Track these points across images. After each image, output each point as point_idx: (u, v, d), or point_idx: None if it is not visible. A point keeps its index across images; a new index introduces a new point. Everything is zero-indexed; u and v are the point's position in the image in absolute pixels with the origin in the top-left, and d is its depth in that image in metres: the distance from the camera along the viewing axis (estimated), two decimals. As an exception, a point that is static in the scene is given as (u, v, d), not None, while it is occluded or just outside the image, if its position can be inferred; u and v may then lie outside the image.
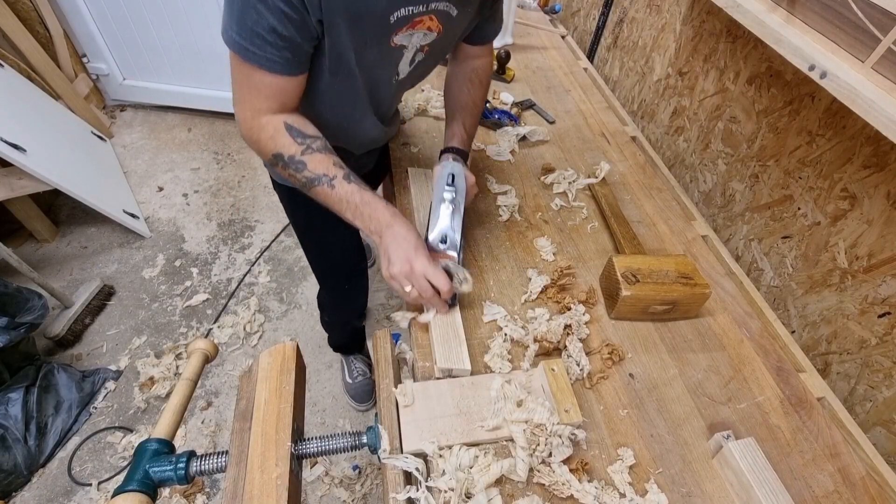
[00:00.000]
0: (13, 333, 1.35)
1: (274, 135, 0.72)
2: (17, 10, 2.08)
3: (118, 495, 0.55)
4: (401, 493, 0.61)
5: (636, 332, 0.86)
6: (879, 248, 0.84)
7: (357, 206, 0.73)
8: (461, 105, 0.94)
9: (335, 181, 0.72)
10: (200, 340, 0.75)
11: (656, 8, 1.42)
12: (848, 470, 0.73)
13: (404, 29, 0.72)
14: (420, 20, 0.72)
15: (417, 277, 0.71)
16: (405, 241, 0.72)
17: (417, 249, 0.72)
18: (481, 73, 0.96)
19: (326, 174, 0.72)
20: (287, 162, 0.73)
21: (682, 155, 1.36)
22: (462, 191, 0.83)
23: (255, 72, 0.68)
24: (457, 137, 0.92)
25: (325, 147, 0.75)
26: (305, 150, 0.73)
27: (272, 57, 0.66)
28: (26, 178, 1.71)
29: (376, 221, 0.73)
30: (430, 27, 0.75)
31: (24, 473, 1.38)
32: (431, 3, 0.70)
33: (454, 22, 0.77)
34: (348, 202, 0.73)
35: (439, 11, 0.73)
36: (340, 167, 0.74)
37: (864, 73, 0.76)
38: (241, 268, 2.02)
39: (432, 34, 0.77)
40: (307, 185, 0.74)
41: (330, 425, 1.60)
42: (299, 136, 0.73)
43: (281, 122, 0.72)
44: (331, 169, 0.73)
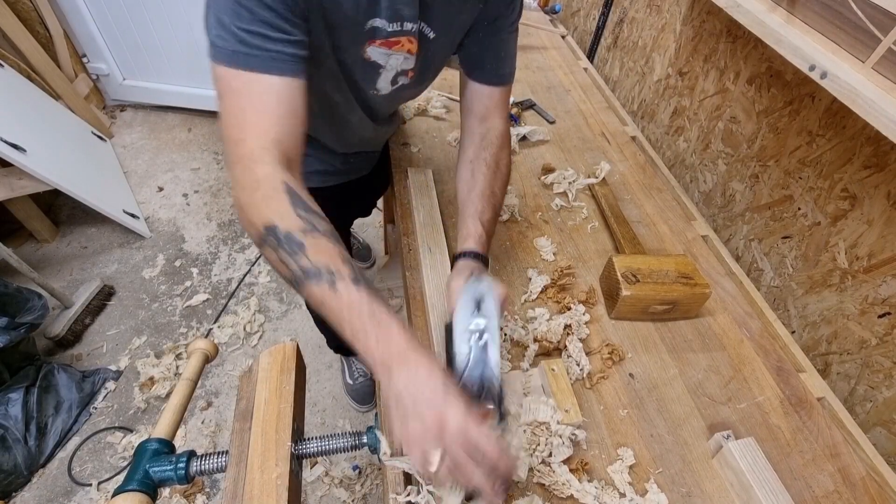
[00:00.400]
0: (13, 333, 1.35)
1: (271, 195, 0.54)
2: (17, 10, 2.08)
3: (118, 495, 0.55)
4: (401, 495, 0.61)
5: (636, 332, 0.86)
6: (880, 248, 0.84)
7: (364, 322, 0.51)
8: (477, 194, 0.76)
9: (339, 282, 0.52)
10: (200, 340, 0.75)
11: (656, 8, 1.42)
12: (848, 470, 0.73)
13: (379, 43, 0.67)
14: (398, 41, 0.67)
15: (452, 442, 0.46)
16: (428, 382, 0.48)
17: (448, 396, 0.47)
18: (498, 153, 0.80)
19: (329, 269, 0.52)
20: (281, 239, 0.53)
21: (682, 155, 1.36)
22: (494, 317, 0.61)
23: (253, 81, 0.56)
24: (472, 238, 0.73)
25: (332, 233, 0.56)
26: (309, 229, 0.54)
27: (273, 53, 0.56)
28: (26, 178, 1.71)
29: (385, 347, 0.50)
30: (409, 50, 0.70)
31: (24, 473, 1.38)
32: (407, 23, 0.66)
33: (433, 46, 0.72)
34: (350, 312, 0.51)
35: (415, 33, 0.69)
36: (349, 264, 0.54)
37: (865, 74, 0.76)
38: (241, 268, 2.02)
39: (412, 58, 0.72)
40: (300, 278, 0.53)
41: (330, 425, 1.60)
42: (302, 208, 0.55)
43: (281, 182, 0.55)
44: (336, 263, 0.53)
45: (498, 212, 0.80)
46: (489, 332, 0.60)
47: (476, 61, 0.80)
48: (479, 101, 0.81)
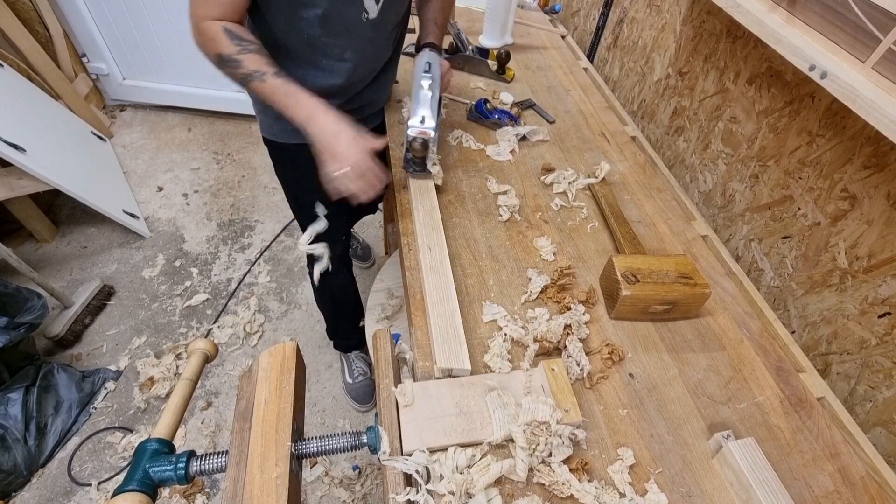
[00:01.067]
0: (13, 333, 1.35)
1: (214, 37, 0.81)
2: (16, 9, 2.09)
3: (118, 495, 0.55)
4: (400, 495, 0.61)
5: (636, 332, 0.86)
6: (879, 248, 0.84)
7: (282, 98, 0.82)
8: (433, 8, 1.06)
9: (266, 76, 0.81)
10: (200, 340, 0.75)
11: (656, 8, 1.42)
12: (848, 470, 0.73)
13: None
14: None
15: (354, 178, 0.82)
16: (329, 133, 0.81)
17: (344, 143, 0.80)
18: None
19: (258, 70, 0.81)
20: (226, 60, 0.81)
21: (682, 155, 1.36)
22: (438, 77, 0.95)
23: None
24: (431, 34, 1.03)
25: (260, 49, 0.83)
26: (241, 50, 0.81)
27: None
28: (26, 178, 1.71)
29: (299, 111, 0.82)
30: None
31: (23, 473, 1.38)
32: None
33: None
34: (275, 94, 0.82)
35: None
36: (272, 66, 0.82)
37: (865, 74, 0.76)
38: (241, 268, 2.02)
39: None
40: (244, 80, 0.82)
41: (330, 425, 1.60)
42: (236, 39, 0.81)
43: (220, 27, 0.80)
44: (263, 66, 0.81)
45: (447, 20, 1.11)
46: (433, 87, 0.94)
47: None
48: None
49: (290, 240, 2.16)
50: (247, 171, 2.44)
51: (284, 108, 0.83)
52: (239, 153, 2.53)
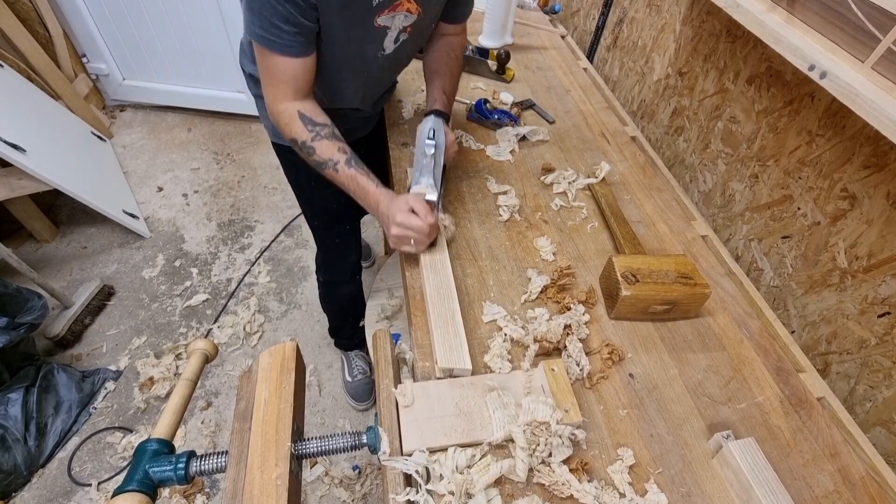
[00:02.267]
0: (13, 333, 1.35)
1: (290, 122, 0.86)
2: (16, 10, 2.09)
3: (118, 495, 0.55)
4: (400, 495, 0.61)
5: (636, 332, 0.86)
6: (879, 248, 0.84)
7: (354, 190, 0.88)
8: (440, 73, 1.05)
9: (338, 165, 0.87)
10: (200, 340, 0.75)
11: (656, 8, 1.42)
12: (848, 470, 0.73)
13: (386, 11, 0.84)
14: (399, 3, 0.84)
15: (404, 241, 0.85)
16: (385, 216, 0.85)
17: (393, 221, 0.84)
18: (457, 49, 1.08)
19: (331, 159, 0.87)
20: (301, 146, 0.88)
21: (682, 155, 1.36)
22: (442, 145, 0.93)
23: (275, 58, 0.81)
24: (438, 101, 1.01)
25: (332, 134, 0.88)
26: (315, 136, 0.87)
27: (287, 42, 0.79)
28: (26, 178, 1.71)
29: (367, 202, 0.88)
30: (409, 9, 0.87)
31: (23, 474, 1.38)
32: None
33: (431, 3, 0.90)
34: (348, 185, 0.88)
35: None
36: (344, 152, 0.87)
37: (864, 73, 0.76)
38: (240, 268, 2.02)
39: (412, 16, 0.88)
40: (317, 166, 0.89)
41: (330, 425, 1.60)
42: (310, 124, 0.87)
43: (295, 111, 0.86)
44: (335, 154, 0.87)
45: (456, 86, 1.08)
46: (436, 155, 0.92)
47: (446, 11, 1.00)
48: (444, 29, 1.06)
49: (290, 240, 2.16)
50: (247, 171, 2.44)
51: (356, 198, 0.89)
52: (239, 153, 2.53)
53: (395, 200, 0.84)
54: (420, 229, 0.82)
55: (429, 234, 0.85)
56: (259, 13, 0.76)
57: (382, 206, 0.85)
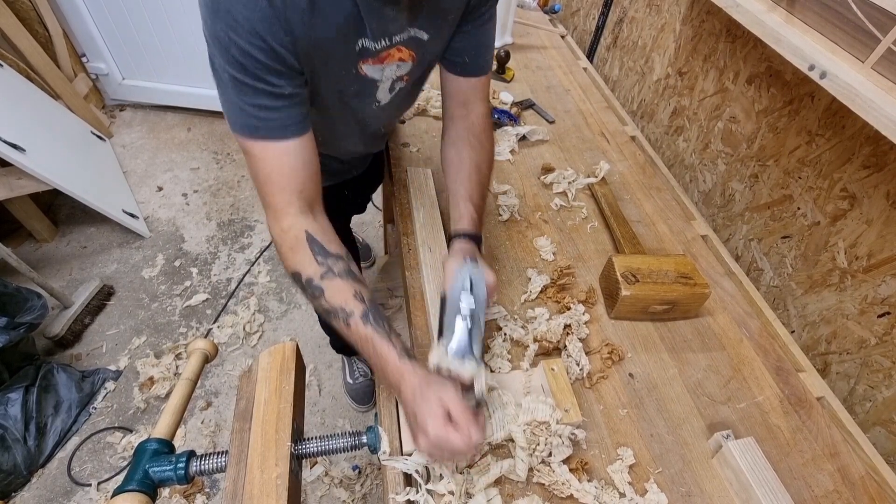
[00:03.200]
0: (13, 333, 1.35)
1: (294, 246, 0.65)
2: (16, 9, 2.08)
3: (118, 495, 0.55)
4: (400, 495, 0.61)
5: (636, 332, 0.86)
6: (879, 248, 0.84)
7: (369, 357, 0.65)
8: (465, 175, 0.81)
9: (351, 319, 0.64)
10: (200, 340, 0.75)
11: (656, 8, 1.42)
12: (847, 469, 0.73)
13: (370, 61, 0.69)
14: (388, 54, 0.69)
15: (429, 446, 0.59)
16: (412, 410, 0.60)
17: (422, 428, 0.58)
18: (480, 133, 0.83)
19: (344, 309, 0.64)
20: (305, 284, 0.65)
21: (682, 155, 1.36)
22: (483, 301, 0.70)
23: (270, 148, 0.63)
24: (465, 219, 0.78)
25: (346, 271, 0.66)
26: (325, 273, 0.65)
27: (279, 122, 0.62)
28: (26, 177, 1.71)
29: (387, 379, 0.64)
30: (401, 58, 0.71)
31: (23, 474, 1.38)
32: (394, 36, 0.67)
33: (428, 47, 0.73)
34: (362, 344, 0.64)
35: (407, 41, 0.69)
36: (360, 301, 0.65)
37: (864, 73, 0.76)
38: (240, 268, 2.02)
39: (406, 64, 0.73)
40: (323, 313, 0.67)
41: (330, 425, 1.60)
42: (321, 254, 0.65)
43: (303, 232, 0.65)
44: (349, 303, 0.64)
45: (486, 189, 0.83)
46: (475, 315, 0.68)
47: (456, 56, 0.80)
48: (460, 90, 0.82)
49: (290, 240, 2.15)
50: (246, 171, 2.43)
51: (368, 359, 0.66)
52: (238, 153, 2.53)
53: (426, 395, 0.59)
54: (459, 451, 0.57)
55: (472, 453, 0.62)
56: (236, 101, 0.60)
57: (407, 392, 0.60)
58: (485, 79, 0.83)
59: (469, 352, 0.66)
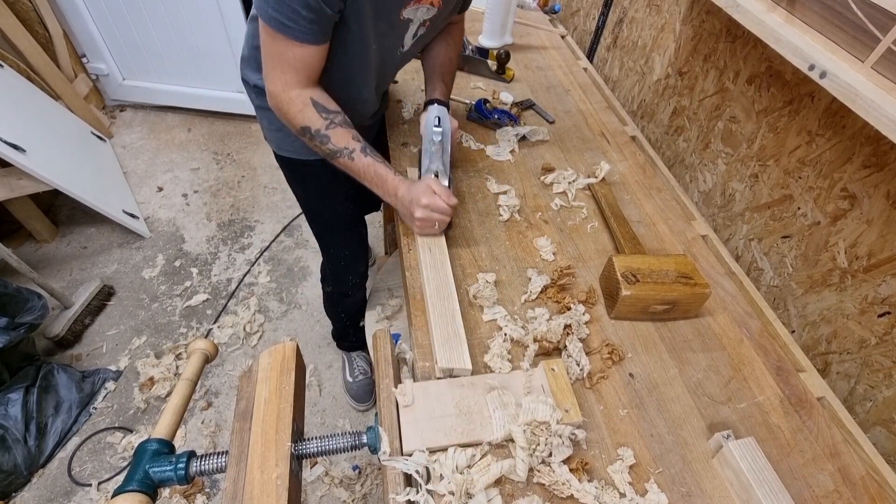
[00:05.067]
0: (13, 334, 1.35)
1: (303, 109, 0.83)
2: (16, 10, 2.08)
3: (118, 495, 0.55)
4: (401, 495, 0.61)
5: (636, 332, 0.86)
6: (879, 247, 0.84)
7: (372, 179, 0.87)
8: (440, 63, 1.05)
9: (354, 154, 0.85)
10: (200, 340, 0.75)
11: (656, 8, 1.42)
12: (848, 469, 0.73)
13: (413, 3, 0.83)
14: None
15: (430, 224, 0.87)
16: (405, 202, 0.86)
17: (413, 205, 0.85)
18: (456, 36, 1.09)
19: (347, 147, 0.85)
20: (314, 135, 0.84)
21: (682, 155, 1.36)
22: (448, 131, 0.94)
23: (289, 44, 0.76)
24: (437, 91, 1.02)
25: (345, 122, 0.87)
26: (329, 124, 0.84)
27: (304, 28, 0.74)
28: (26, 178, 1.71)
29: (385, 191, 0.87)
30: (432, 2, 0.86)
31: (23, 474, 1.38)
32: None
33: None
34: (364, 174, 0.86)
35: None
36: (358, 140, 0.86)
37: (864, 73, 0.76)
38: (240, 268, 2.02)
39: (434, 9, 0.88)
40: (330, 155, 0.86)
41: (330, 425, 1.60)
42: (324, 112, 0.84)
43: (308, 97, 0.83)
44: (350, 142, 0.85)
45: (454, 74, 1.10)
46: (443, 141, 0.93)
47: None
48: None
49: (290, 240, 2.16)
50: (247, 171, 2.44)
51: (371, 186, 0.88)
52: (239, 153, 2.53)
53: (416, 185, 0.85)
54: (444, 210, 0.85)
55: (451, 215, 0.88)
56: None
57: (402, 192, 0.85)
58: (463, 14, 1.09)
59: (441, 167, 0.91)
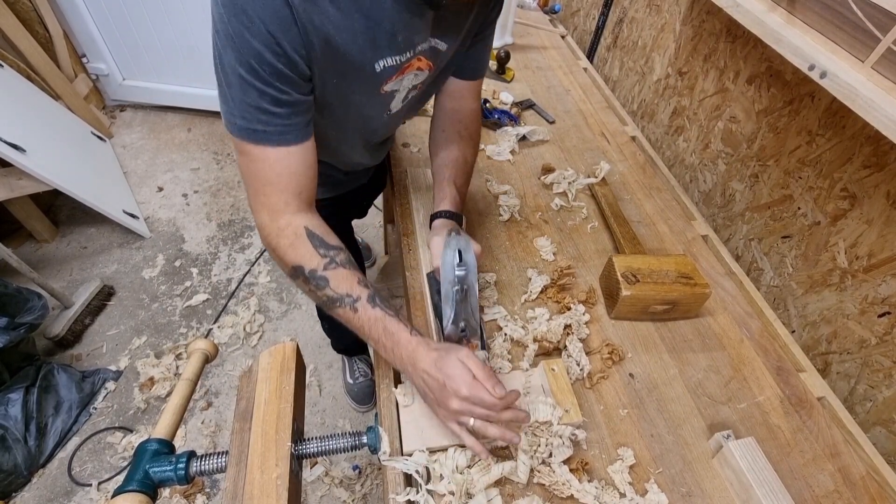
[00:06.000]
0: (13, 334, 1.35)
1: (294, 242, 0.65)
2: (16, 10, 2.08)
3: (118, 495, 0.55)
4: (401, 495, 0.61)
5: (636, 332, 0.86)
6: (879, 247, 0.84)
7: (378, 338, 0.65)
8: (450, 161, 0.86)
9: (358, 304, 0.65)
10: (200, 340, 0.75)
11: (656, 8, 1.42)
12: (848, 469, 0.73)
13: (393, 78, 0.69)
14: (409, 65, 0.69)
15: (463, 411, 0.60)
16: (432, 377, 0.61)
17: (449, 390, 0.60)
18: (470, 125, 0.88)
19: (350, 294, 0.65)
20: (308, 276, 0.65)
21: (682, 155, 1.36)
22: (473, 268, 0.72)
23: (269, 154, 0.62)
24: (448, 199, 0.82)
25: (348, 261, 0.68)
26: (328, 263, 0.65)
27: (282, 128, 0.61)
28: (26, 178, 1.71)
29: (399, 356, 0.64)
30: (419, 67, 0.72)
31: (24, 474, 1.38)
32: (417, 46, 0.67)
33: (444, 56, 0.74)
34: (370, 328, 0.65)
35: (427, 50, 0.70)
36: (365, 286, 0.66)
37: (864, 73, 0.76)
38: (240, 268, 2.02)
39: (423, 73, 0.74)
40: (328, 304, 0.66)
41: (330, 425, 1.60)
42: (322, 247, 0.66)
43: (302, 227, 0.66)
44: (354, 289, 0.65)
45: (469, 176, 0.89)
46: (469, 281, 0.71)
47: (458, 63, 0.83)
48: (456, 88, 0.87)
49: (290, 240, 2.15)
50: (247, 172, 2.44)
51: (377, 344, 0.66)
52: (239, 153, 2.53)
53: (449, 360, 0.60)
54: (491, 405, 0.59)
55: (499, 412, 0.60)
56: (240, 102, 0.59)
57: (427, 363, 0.62)
58: (479, 81, 0.88)
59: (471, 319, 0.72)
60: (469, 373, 0.59)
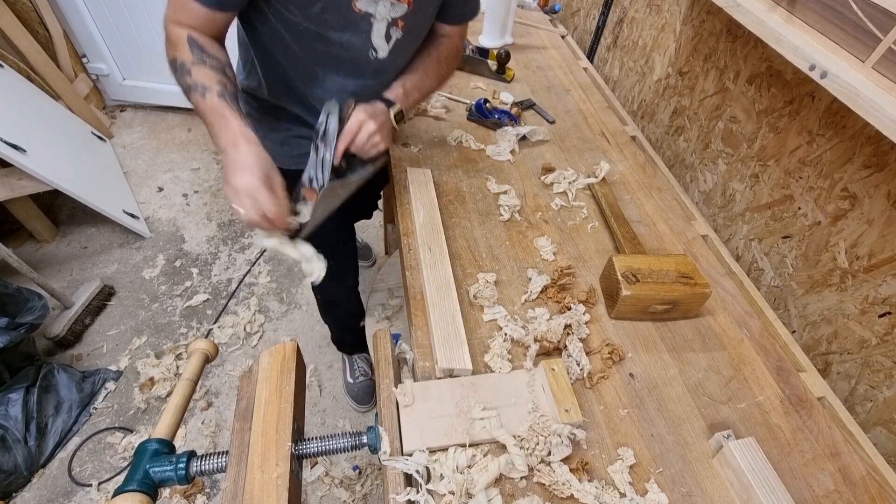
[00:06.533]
0: (13, 334, 1.35)
1: (176, 41, 0.75)
2: (16, 10, 2.08)
3: (118, 495, 0.55)
4: (401, 495, 0.61)
5: (636, 332, 0.86)
6: (880, 247, 0.84)
7: (214, 121, 0.72)
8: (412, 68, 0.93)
9: (208, 92, 0.72)
10: (200, 341, 0.75)
11: (656, 8, 1.42)
12: (848, 469, 0.73)
13: None
14: None
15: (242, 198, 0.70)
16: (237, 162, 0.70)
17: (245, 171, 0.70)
18: (443, 50, 0.94)
19: (204, 84, 0.72)
20: (178, 67, 0.75)
21: (682, 155, 1.36)
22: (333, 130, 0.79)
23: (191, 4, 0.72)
24: (391, 92, 0.88)
25: (219, 67, 0.75)
26: (196, 61, 0.74)
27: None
28: (26, 178, 1.71)
29: (224, 138, 0.71)
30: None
31: (24, 474, 1.38)
32: None
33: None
34: (211, 114, 0.72)
35: None
36: (222, 84, 0.73)
37: (865, 73, 0.76)
38: (241, 268, 2.02)
39: (401, 5, 0.77)
40: (186, 91, 0.75)
41: (330, 425, 1.60)
42: (197, 49, 0.75)
43: (185, 33, 0.75)
44: (210, 82, 0.73)
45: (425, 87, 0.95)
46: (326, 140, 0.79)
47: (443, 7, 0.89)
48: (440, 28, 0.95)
49: (291, 240, 2.15)
50: (247, 172, 2.44)
51: (213, 130, 0.73)
52: (239, 153, 2.53)
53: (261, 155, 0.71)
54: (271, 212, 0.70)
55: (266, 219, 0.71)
56: None
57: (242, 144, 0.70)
58: (465, 25, 0.97)
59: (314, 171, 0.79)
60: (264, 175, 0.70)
